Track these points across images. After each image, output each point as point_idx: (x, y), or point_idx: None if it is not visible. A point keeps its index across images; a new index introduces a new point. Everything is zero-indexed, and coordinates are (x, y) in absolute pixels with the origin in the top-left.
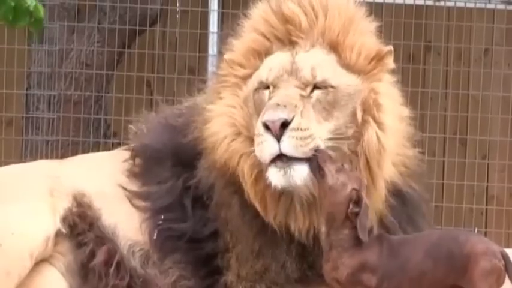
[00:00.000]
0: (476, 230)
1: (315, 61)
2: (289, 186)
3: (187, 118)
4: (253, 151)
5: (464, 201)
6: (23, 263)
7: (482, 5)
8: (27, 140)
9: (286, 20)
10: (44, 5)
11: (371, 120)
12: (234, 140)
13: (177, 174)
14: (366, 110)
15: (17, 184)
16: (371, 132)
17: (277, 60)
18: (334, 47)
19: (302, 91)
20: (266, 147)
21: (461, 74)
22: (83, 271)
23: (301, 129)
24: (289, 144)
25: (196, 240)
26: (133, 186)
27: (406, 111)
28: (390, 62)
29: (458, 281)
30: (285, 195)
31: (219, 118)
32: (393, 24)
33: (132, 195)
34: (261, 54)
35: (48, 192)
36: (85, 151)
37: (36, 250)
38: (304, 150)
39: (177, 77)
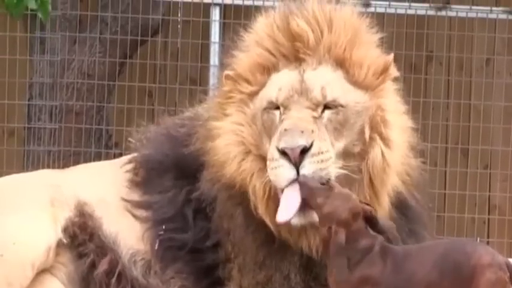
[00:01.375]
0: (478, 239)
1: (324, 80)
2: (308, 224)
3: (189, 129)
4: (266, 173)
5: (467, 211)
6: (24, 273)
7: (484, 15)
8: (29, 151)
9: (293, 37)
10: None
11: (377, 138)
12: (243, 159)
13: (179, 185)
14: (373, 128)
15: (18, 194)
16: (377, 150)
17: (286, 80)
18: (341, 63)
19: (314, 112)
20: (282, 172)
21: (463, 84)
22: (84, 282)
23: (321, 153)
24: (310, 170)
25: (198, 250)
26: (135, 196)
27: (409, 122)
28: (394, 71)
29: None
30: None
31: (226, 136)
32: (395, 34)
33: (133, 206)
34: (267, 70)
35: (49, 202)
36: (87, 161)
37: (38, 260)
38: (323, 174)
39: (179, 87)
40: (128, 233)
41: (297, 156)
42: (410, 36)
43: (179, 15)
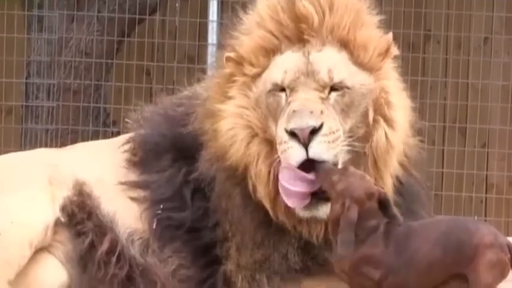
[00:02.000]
0: (476, 218)
1: (330, 61)
2: (313, 218)
3: (186, 108)
4: (273, 156)
5: (464, 189)
6: (22, 252)
7: None
8: (27, 129)
9: (298, 18)
10: None
11: (381, 120)
12: (250, 142)
13: (177, 165)
14: (376, 110)
15: (15, 173)
16: (380, 132)
17: (291, 61)
18: (345, 45)
19: (321, 93)
20: (292, 154)
21: (460, 63)
22: (82, 261)
23: (332, 133)
24: (319, 149)
25: (196, 229)
26: (132, 176)
27: (409, 101)
28: (394, 51)
29: (463, 269)
30: None
31: (231, 119)
32: (393, 13)
33: (130, 186)
34: (270, 52)
35: (47, 181)
36: (84, 140)
37: (36, 239)
38: (334, 152)
39: (177, 65)
40: (125, 213)
41: (307, 137)
42: (408, 15)
43: None
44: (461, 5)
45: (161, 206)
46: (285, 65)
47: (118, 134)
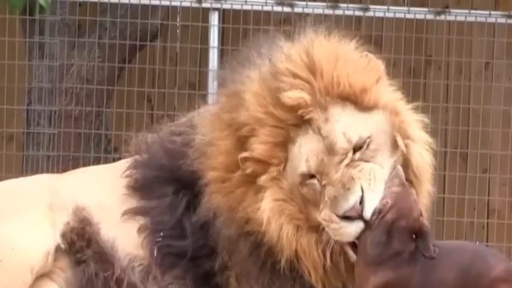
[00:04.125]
0: (477, 243)
1: (341, 125)
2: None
3: (185, 138)
4: (323, 239)
5: (466, 215)
6: (23, 279)
7: (483, 19)
8: (28, 156)
9: (291, 108)
10: (44, 21)
11: (410, 142)
12: (297, 235)
13: (178, 194)
14: (402, 134)
15: (16, 199)
16: (416, 154)
17: (307, 147)
18: (345, 98)
19: (347, 160)
20: (350, 230)
21: (462, 88)
22: None
23: (375, 192)
24: (372, 205)
25: (196, 258)
26: (133, 202)
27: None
28: (383, 69)
29: None
30: None
31: (273, 216)
32: (394, 38)
33: (131, 212)
34: (284, 144)
35: (48, 207)
36: (86, 166)
37: (37, 265)
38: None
39: (178, 91)
40: (125, 239)
41: (359, 210)
42: (409, 41)
43: (178, 19)
44: (462, 30)
45: (161, 234)
46: (303, 153)
47: (119, 160)
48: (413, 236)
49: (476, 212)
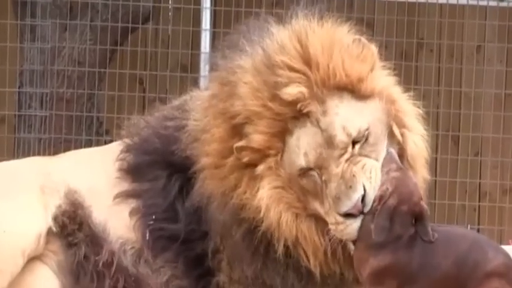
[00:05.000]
0: (469, 227)
1: (340, 117)
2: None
3: (178, 122)
4: (325, 232)
5: (457, 198)
6: (15, 261)
7: (475, 2)
8: (20, 138)
9: (291, 103)
10: (36, 3)
11: (406, 131)
12: (296, 222)
13: (170, 177)
14: (398, 123)
15: (7, 181)
16: (411, 143)
17: (305, 140)
18: (342, 88)
19: (347, 155)
20: (354, 227)
21: (453, 71)
22: (75, 272)
23: (376, 175)
24: (372, 198)
25: (188, 241)
26: (124, 184)
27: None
28: (376, 55)
29: None
30: None
31: (271, 203)
32: (386, 21)
33: (123, 195)
34: (281, 135)
35: (40, 189)
36: (77, 149)
37: (29, 248)
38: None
39: (170, 74)
40: (117, 222)
41: (361, 206)
42: (401, 24)
43: (170, 2)
44: (454, 13)
45: (153, 217)
46: (302, 146)
47: (111, 142)
48: (413, 220)
49: (468, 195)
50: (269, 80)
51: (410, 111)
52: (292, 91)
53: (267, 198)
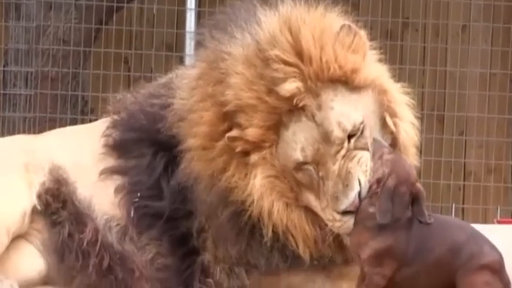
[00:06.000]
0: (454, 206)
1: (336, 112)
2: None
3: (163, 100)
4: (319, 219)
5: (442, 177)
6: (0, 240)
7: None
8: (5, 117)
9: (287, 99)
10: None
11: (398, 121)
12: (287, 211)
13: (156, 155)
14: (390, 114)
15: None
16: (403, 133)
17: (302, 136)
18: (336, 80)
19: (343, 151)
20: (350, 223)
21: (438, 51)
22: (60, 250)
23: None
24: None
25: (173, 219)
26: (110, 160)
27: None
28: (368, 43)
29: (461, 279)
30: None
31: (263, 191)
32: (371, 1)
33: (108, 172)
34: (275, 128)
35: (24, 167)
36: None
37: (13, 226)
38: None
39: (155, 53)
40: (102, 198)
41: (358, 203)
42: (386, 3)
43: None
44: None
45: (138, 194)
46: (298, 141)
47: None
48: (410, 202)
49: (453, 174)
50: (265, 74)
51: (401, 100)
52: (290, 87)
53: (260, 187)
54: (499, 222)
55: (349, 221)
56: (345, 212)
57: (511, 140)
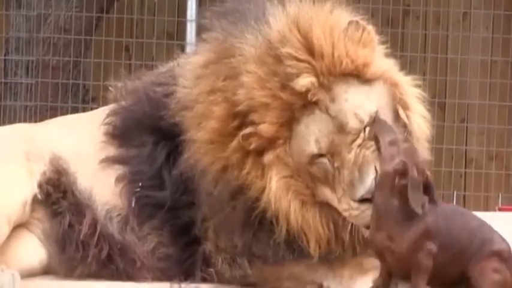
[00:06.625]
0: (455, 193)
1: (350, 104)
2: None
3: (166, 89)
4: (334, 215)
5: (443, 164)
6: (1, 229)
7: None
8: (6, 106)
9: (301, 93)
10: None
11: (410, 114)
12: (303, 210)
13: (158, 144)
14: (403, 106)
15: None
16: (415, 125)
17: (316, 128)
18: (348, 74)
19: (359, 140)
20: (368, 212)
21: (439, 38)
22: (61, 241)
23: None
24: None
25: (174, 208)
26: (111, 149)
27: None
28: (376, 37)
29: (473, 266)
30: None
31: (280, 192)
32: None
33: (109, 161)
34: (289, 124)
35: (25, 156)
36: None
37: (14, 215)
38: None
39: (156, 41)
40: (103, 188)
41: (374, 190)
42: None
43: None
44: None
45: (140, 184)
46: (312, 133)
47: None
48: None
49: (454, 161)
50: (278, 70)
51: (412, 93)
52: (304, 81)
53: (276, 189)
54: (500, 210)
55: (367, 210)
56: (362, 200)
57: None
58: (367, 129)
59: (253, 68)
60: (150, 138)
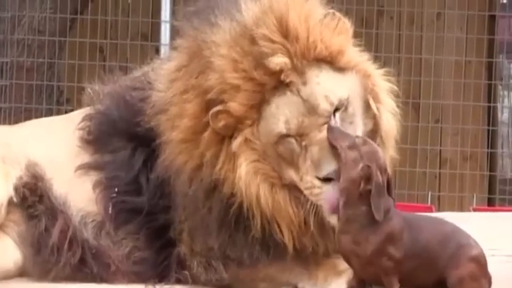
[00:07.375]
0: (430, 193)
1: (322, 87)
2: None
3: (141, 93)
4: (302, 201)
5: (418, 165)
6: None
7: None
8: None
9: (273, 73)
10: None
11: (381, 106)
12: (272, 192)
13: (134, 150)
14: (374, 98)
15: None
16: (385, 119)
17: (286, 110)
18: (322, 59)
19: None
20: (329, 195)
21: (413, 38)
22: (36, 244)
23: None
24: None
25: (151, 213)
26: (86, 155)
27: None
28: (351, 29)
29: (450, 271)
30: None
31: (249, 177)
32: None
33: (84, 167)
34: (258, 106)
35: (0, 159)
36: (38, 118)
37: None
38: None
39: (130, 43)
40: (78, 195)
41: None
42: None
43: None
44: None
45: (116, 190)
46: (281, 114)
47: (71, 111)
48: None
49: (429, 161)
50: (252, 50)
51: (384, 86)
52: (278, 60)
53: (246, 174)
54: (474, 210)
55: (328, 190)
56: (325, 179)
57: (486, 128)
58: (338, 113)
59: (225, 52)
60: (127, 144)
